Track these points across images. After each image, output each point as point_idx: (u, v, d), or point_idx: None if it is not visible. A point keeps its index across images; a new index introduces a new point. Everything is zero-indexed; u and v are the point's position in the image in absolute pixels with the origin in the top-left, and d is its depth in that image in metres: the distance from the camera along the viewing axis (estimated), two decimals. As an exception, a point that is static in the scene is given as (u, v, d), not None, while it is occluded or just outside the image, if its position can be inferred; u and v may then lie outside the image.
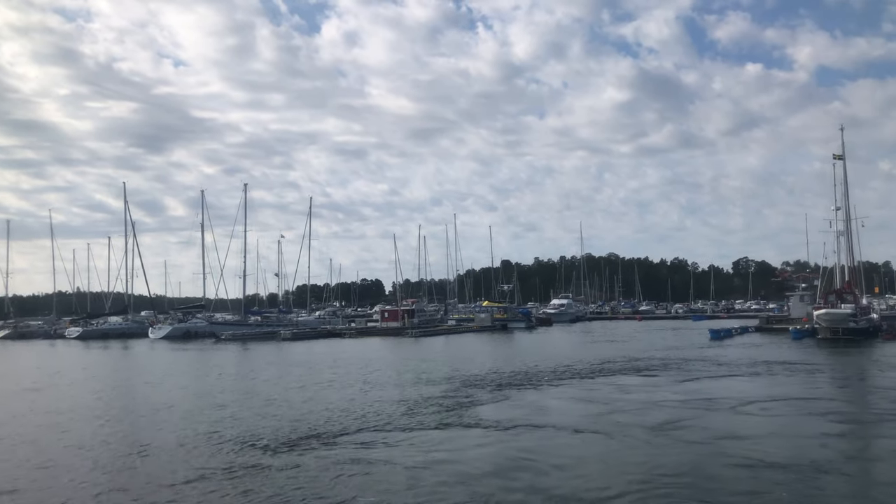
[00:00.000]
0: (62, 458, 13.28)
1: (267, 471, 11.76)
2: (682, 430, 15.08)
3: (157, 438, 14.97)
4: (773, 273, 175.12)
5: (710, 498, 9.88)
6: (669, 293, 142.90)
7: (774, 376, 25.37)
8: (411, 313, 67.17)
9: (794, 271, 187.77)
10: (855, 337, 38.07)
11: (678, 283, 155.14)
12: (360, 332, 61.63)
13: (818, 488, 10.40)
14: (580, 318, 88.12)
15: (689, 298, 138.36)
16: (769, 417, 17.11)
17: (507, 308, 72.70)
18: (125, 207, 72.21)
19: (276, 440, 14.34)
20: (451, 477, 11.16)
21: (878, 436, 14.45)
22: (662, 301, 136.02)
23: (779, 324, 51.54)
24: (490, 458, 12.50)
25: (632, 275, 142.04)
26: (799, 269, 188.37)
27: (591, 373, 27.20)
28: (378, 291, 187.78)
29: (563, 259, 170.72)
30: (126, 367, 36.84)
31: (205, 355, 43.55)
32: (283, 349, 46.93)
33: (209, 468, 12.06)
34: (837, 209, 45.28)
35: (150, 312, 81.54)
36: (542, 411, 18.14)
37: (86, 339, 65.02)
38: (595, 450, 13.20)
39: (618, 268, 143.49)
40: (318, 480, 11.10)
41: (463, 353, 41.03)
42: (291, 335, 57.71)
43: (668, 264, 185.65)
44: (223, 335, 59.12)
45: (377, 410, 18.23)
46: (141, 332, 68.18)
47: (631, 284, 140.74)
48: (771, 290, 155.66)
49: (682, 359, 32.18)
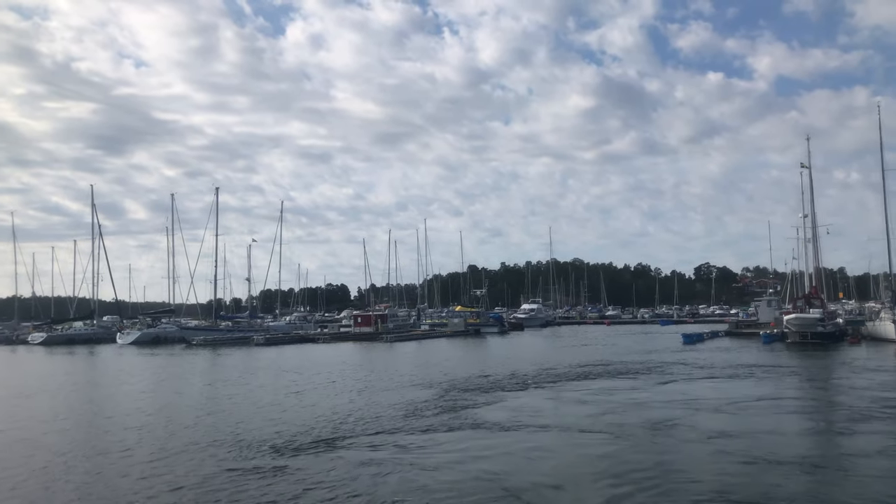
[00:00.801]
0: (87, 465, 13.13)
1: (298, 472, 11.90)
2: (678, 430, 15.53)
3: (181, 442, 14.92)
4: (735, 279, 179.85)
5: (727, 494, 10.24)
6: (634, 298, 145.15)
7: (752, 378, 26.18)
8: (384, 318, 67.18)
9: (755, 277, 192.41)
10: (823, 341, 39.33)
11: (642, 288, 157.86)
12: (333, 337, 61.38)
13: (821, 483, 10.93)
14: (550, 322, 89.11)
15: (653, 304, 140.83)
16: (757, 416, 17.73)
17: (480, 313, 73.13)
18: (92, 211, 70.97)
19: (297, 443, 14.44)
20: (478, 475, 11.45)
21: (864, 432, 15.10)
22: (627, 306, 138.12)
23: (748, 328, 52.88)
24: (509, 457, 12.79)
25: (597, 280, 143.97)
26: (759, 274, 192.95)
27: (577, 376, 27.65)
28: (344, 296, 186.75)
29: (530, 264, 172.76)
30: (108, 374, 36.06)
31: (182, 361, 42.94)
32: (259, 354, 46.52)
33: (240, 468, 12.23)
34: (805, 216, 46.74)
35: (113, 318, 79.86)
36: (540, 413, 18.46)
37: (50, 345, 63.47)
38: (604, 449, 13.56)
39: (583, 273, 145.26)
40: (351, 479, 11.31)
41: (442, 357, 41.23)
42: (265, 340, 57.24)
43: (632, 270, 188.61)
44: (194, 340, 58.30)
45: (383, 414, 18.37)
46: (107, 337, 66.83)
47: (596, 290, 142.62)
48: (732, 295, 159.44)
49: (661, 362, 32.90)
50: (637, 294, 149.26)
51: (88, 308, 73.97)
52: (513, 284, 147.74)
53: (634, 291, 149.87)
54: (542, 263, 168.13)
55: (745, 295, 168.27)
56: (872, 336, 40.95)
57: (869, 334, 41.57)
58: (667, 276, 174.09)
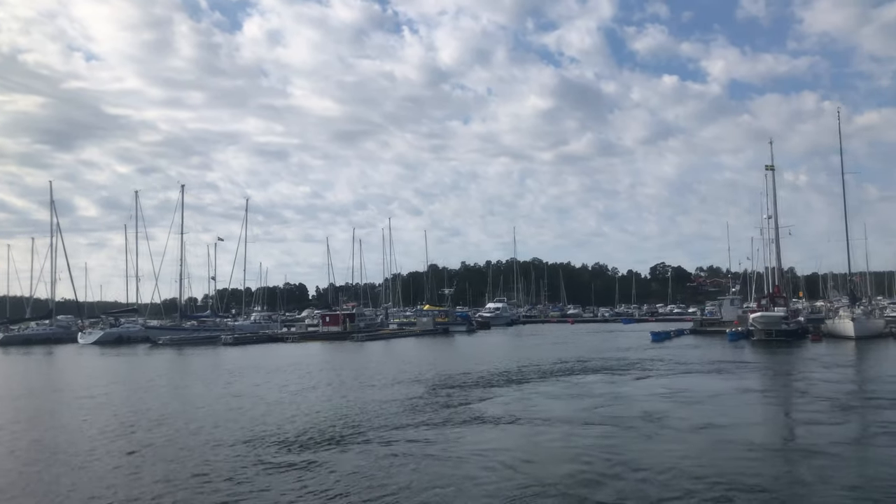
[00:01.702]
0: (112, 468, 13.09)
1: (329, 465, 12.21)
2: (672, 420, 16.31)
3: (200, 441, 14.97)
4: (689, 278, 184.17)
5: (740, 479, 10.92)
6: (593, 297, 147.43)
7: (726, 373, 27.33)
8: (352, 318, 67.05)
9: (708, 276, 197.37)
10: (787, 338, 40.88)
11: (600, 287, 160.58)
12: (302, 336, 61.04)
13: (824, 468, 11.68)
14: (514, 321, 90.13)
15: (611, 303, 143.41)
16: (741, 407, 18.77)
17: (449, 312, 73.57)
18: (51, 208, 69.16)
19: (317, 439, 14.70)
20: (503, 465, 11.92)
21: (845, 421, 16.09)
22: (587, 305, 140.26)
23: (711, 326, 54.47)
24: (526, 449, 13.26)
25: (557, 279, 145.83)
26: (712, 274, 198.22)
27: (559, 372, 28.37)
28: (302, 296, 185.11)
29: (490, 263, 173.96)
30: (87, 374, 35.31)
31: (157, 361, 42.30)
32: (232, 354, 46.06)
33: (274, 462, 12.47)
34: (769, 217, 48.41)
35: (68, 317, 77.78)
36: (537, 407, 18.98)
37: (6, 346, 61.66)
38: (610, 441, 14.10)
39: (543, 272, 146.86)
40: (382, 471, 11.65)
41: (418, 356, 41.59)
42: (233, 340, 56.63)
43: (590, 269, 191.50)
44: (160, 340, 57.33)
45: (385, 411, 18.65)
46: (67, 337, 65.25)
47: (556, 289, 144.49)
48: (687, 294, 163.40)
49: (637, 359, 33.91)
50: (595, 293, 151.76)
51: (46, 308, 71.99)
52: (474, 284, 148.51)
53: (593, 291, 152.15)
54: (502, 263, 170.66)
55: (699, 294, 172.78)
56: (832, 333, 42.72)
57: (828, 332, 43.34)
58: (623, 276, 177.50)
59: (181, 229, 64.76)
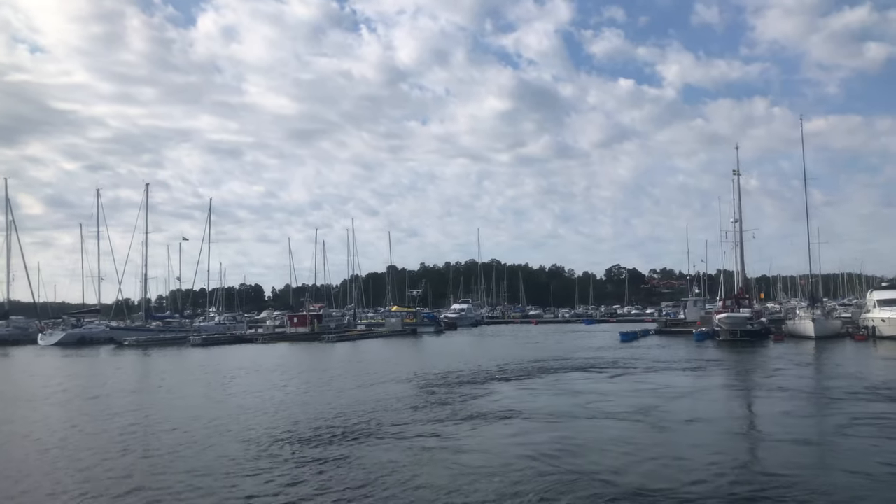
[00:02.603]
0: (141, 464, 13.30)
1: (360, 460, 12.76)
2: (669, 414, 17.40)
3: (210, 440, 15.29)
4: (643, 280, 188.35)
5: (753, 466, 12.13)
6: (551, 299, 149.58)
7: (701, 371, 28.83)
8: (319, 318, 67.03)
9: (662, 278, 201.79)
10: (751, 338, 42.60)
11: (557, 288, 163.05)
12: (271, 337, 60.73)
13: (823, 456, 12.95)
14: (479, 322, 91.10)
15: (568, 304, 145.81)
16: (725, 401, 20.41)
17: (416, 313, 74.05)
18: (7, 206, 67.14)
19: (329, 436, 15.18)
20: (526, 457, 12.71)
21: (825, 413, 17.49)
22: (545, 306, 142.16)
23: (676, 327, 56.24)
24: (532, 446, 13.86)
25: (516, 280, 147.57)
26: (665, 276, 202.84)
27: (541, 371, 29.34)
28: (258, 297, 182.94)
29: (450, 265, 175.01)
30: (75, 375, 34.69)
31: (132, 362, 41.68)
32: (203, 355, 45.68)
33: (303, 457, 12.93)
34: (736, 221, 50.22)
35: (18, 318, 75.48)
36: (534, 403, 19.81)
37: (-39, 348, 59.71)
38: (617, 433, 15.05)
39: (503, 274, 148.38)
40: (411, 465, 12.30)
41: (394, 356, 42.17)
42: (202, 341, 56.06)
43: (547, 271, 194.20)
44: (126, 341, 56.34)
45: (389, 408, 19.21)
46: (25, 338, 63.54)
47: (515, 290, 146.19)
48: (641, 295, 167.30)
49: (613, 357, 35.16)
50: (553, 295, 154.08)
51: (2, 308, 69.89)
52: (434, 285, 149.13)
53: (551, 292, 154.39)
54: (461, 264, 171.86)
55: (653, 296, 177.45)
56: (793, 333, 44.72)
57: (790, 332, 45.31)
58: (580, 277, 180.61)
59: (146, 228, 63.84)
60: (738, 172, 51.21)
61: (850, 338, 43.47)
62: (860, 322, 44.66)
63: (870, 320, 42.42)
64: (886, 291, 44.29)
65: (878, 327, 41.08)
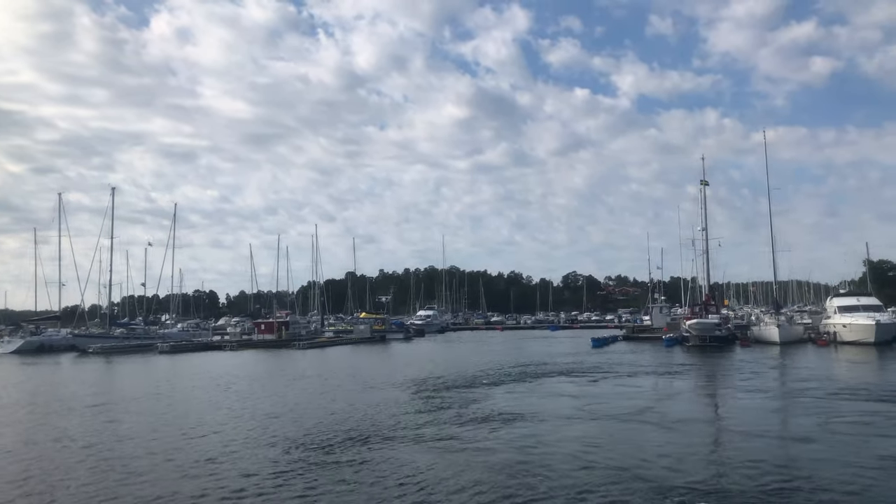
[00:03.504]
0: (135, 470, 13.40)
1: (385, 463, 13.36)
2: (666, 414, 18.54)
3: (230, 446, 15.58)
4: (599, 287, 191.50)
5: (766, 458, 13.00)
6: (512, 305, 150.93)
7: (679, 374, 30.28)
8: (286, 325, 66.58)
9: (617, 285, 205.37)
10: (720, 344, 44.09)
11: (516, 295, 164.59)
12: (240, 344, 60.03)
13: (817, 448, 13.91)
14: (445, 328, 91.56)
15: (527, 310, 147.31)
16: (715, 403, 21.62)
17: (385, 320, 74.07)
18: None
19: (362, 437, 15.74)
20: (560, 457, 13.50)
21: (806, 412, 18.53)
22: (506, 313, 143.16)
23: (643, 333, 57.66)
24: (555, 445, 14.66)
25: (476, 287, 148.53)
26: (620, 283, 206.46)
27: (527, 376, 30.17)
28: (212, 303, 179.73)
29: (410, 271, 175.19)
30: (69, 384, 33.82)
31: (103, 369, 41.07)
32: (176, 362, 45.06)
33: (322, 461, 13.42)
34: (703, 230, 51.92)
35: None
36: (536, 406, 20.56)
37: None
38: (626, 434, 16.01)
39: (464, 280, 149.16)
40: (440, 465, 12.95)
41: (375, 362, 42.64)
42: (170, 348, 55.16)
43: (506, 277, 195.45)
44: (90, 349, 55.00)
45: (395, 412, 19.86)
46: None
47: (475, 296, 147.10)
48: (597, 302, 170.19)
49: (593, 362, 36.36)
50: (513, 301, 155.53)
51: (-46, 315, 67.46)
52: (395, 291, 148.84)
53: (511, 299, 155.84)
54: (420, 270, 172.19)
55: (608, 302, 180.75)
56: (758, 339, 46.49)
57: (755, 338, 47.02)
58: (537, 284, 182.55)
59: (111, 233, 62.45)
60: (705, 182, 53.00)
61: (812, 343, 45.41)
62: (821, 328, 46.69)
63: (831, 326, 44.42)
64: (846, 298, 46.43)
65: (839, 333, 43.05)
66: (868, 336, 40.56)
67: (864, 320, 41.51)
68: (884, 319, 41.99)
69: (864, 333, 40.85)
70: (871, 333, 40.46)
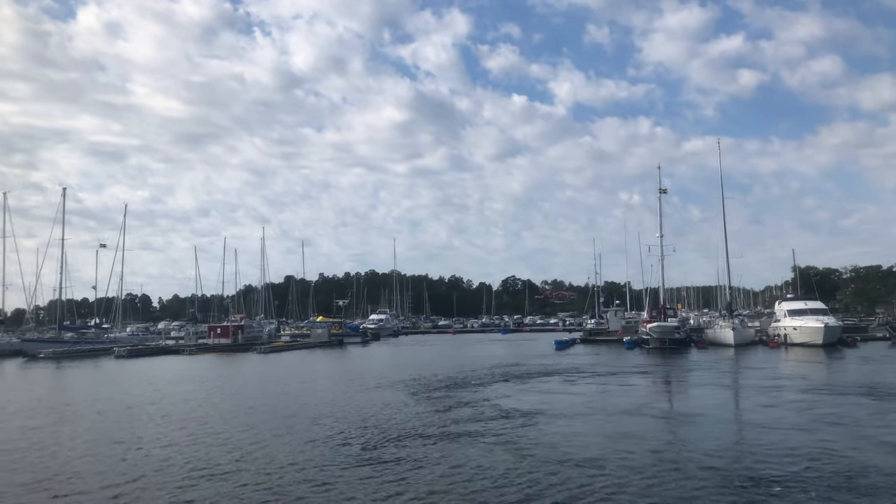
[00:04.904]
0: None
1: (423, 461, 14.33)
2: (665, 409, 20.31)
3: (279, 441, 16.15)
4: (537, 291, 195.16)
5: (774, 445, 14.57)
6: (455, 309, 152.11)
7: (651, 374, 32.33)
8: (242, 329, 65.75)
9: (553, 290, 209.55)
10: (678, 346, 46.25)
11: (459, 299, 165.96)
12: (199, 348, 58.85)
13: (816, 441, 15.56)
14: (398, 332, 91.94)
15: (470, 314, 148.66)
16: (705, 398, 23.06)
17: (342, 323, 73.92)
18: None
19: (386, 439, 16.54)
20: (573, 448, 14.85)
21: (782, 404, 20.37)
22: (450, 316, 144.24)
23: (599, 336, 59.65)
24: (589, 437, 16.11)
25: (419, 291, 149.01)
26: (556, 287, 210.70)
27: (509, 377, 31.26)
28: (144, 307, 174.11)
29: (349, 275, 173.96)
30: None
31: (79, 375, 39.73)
32: (141, 367, 44.05)
33: (370, 459, 14.15)
34: (661, 236, 54.21)
35: None
36: (539, 403, 21.71)
37: None
38: (648, 426, 17.53)
39: (408, 284, 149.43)
40: (482, 462, 13.95)
41: (345, 365, 43.47)
42: (127, 353, 53.76)
43: (447, 281, 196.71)
44: (41, 353, 52.96)
45: (407, 412, 20.82)
46: None
47: (419, 300, 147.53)
48: (536, 306, 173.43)
49: (567, 364, 38.09)
50: (453, 305, 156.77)
51: None
52: (336, 296, 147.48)
53: (455, 302, 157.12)
54: (361, 274, 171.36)
55: (546, 306, 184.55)
56: (714, 341, 48.95)
57: (711, 340, 49.49)
58: (477, 288, 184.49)
59: (62, 235, 60.24)
60: (663, 191, 55.38)
61: (762, 345, 48.13)
62: (771, 331, 49.58)
63: (781, 329, 47.28)
64: (794, 302, 49.49)
65: (789, 335, 45.98)
66: (817, 338, 43.51)
67: (813, 323, 44.50)
68: (831, 323, 45.12)
69: (814, 336, 43.81)
70: (819, 336, 43.43)
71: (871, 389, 23.64)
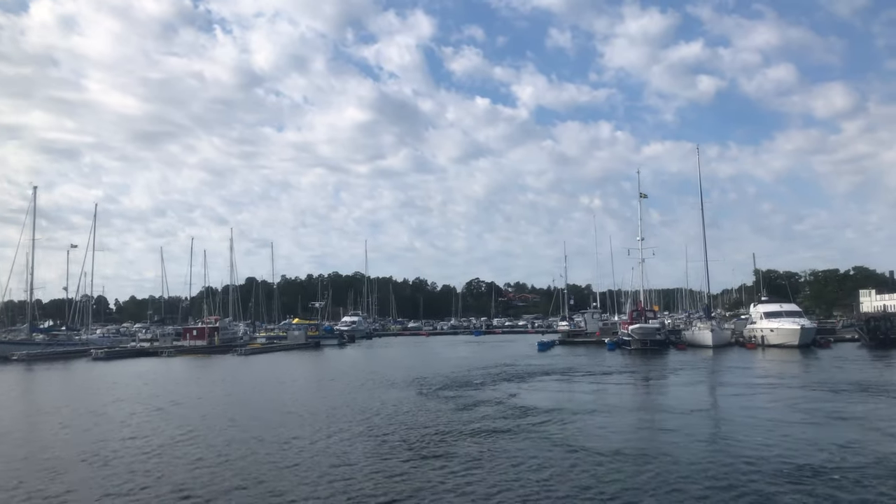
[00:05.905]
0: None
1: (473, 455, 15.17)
2: (675, 406, 20.94)
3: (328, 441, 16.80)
4: (501, 293, 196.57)
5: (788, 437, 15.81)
6: (421, 311, 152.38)
7: (643, 374, 33.50)
8: (217, 331, 65.08)
9: (516, 292, 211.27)
10: (659, 347, 47.50)
11: (424, 301, 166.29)
12: (177, 350, 58.04)
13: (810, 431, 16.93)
14: (371, 334, 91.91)
15: (436, 316, 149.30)
16: (703, 396, 24.52)
17: (318, 325, 73.64)
18: None
19: (428, 439, 17.28)
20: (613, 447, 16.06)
21: (779, 400, 21.67)
22: (416, 318, 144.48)
23: (578, 337, 60.81)
24: (628, 433, 17.08)
25: (385, 293, 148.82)
26: (519, 290, 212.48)
27: (507, 376, 32.14)
28: (100, 309, 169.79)
29: (312, 276, 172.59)
30: None
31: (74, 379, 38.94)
32: (121, 369, 43.46)
33: (419, 456, 14.87)
34: (642, 240, 55.55)
35: None
36: (555, 401, 22.59)
37: None
38: (675, 422, 18.62)
39: (374, 286, 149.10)
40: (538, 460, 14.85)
41: (337, 367, 43.62)
42: (105, 355, 52.84)
43: (411, 284, 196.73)
44: (14, 356, 51.68)
45: (430, 411, 21.46)
46: None
47: (384, 302, 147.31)
48: (499, 308, 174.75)
49: (560, 365, 39.02)
50: (417, 307, 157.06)
51: None
52: (299, 297, 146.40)
53: (421, 304, 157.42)
54: (324, 276, 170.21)
55: (509, 308, 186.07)
56: (692, 343, 50.43)
57: (689, 341, 50.94)
58: (442, 291, 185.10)
59: (32, 234, 58.77)
60: (643, 195, 56.77)
61: (739, 346, 49.78)
62: (747, 332, 51.34)
63: (758, 331, 49.00)
64: (769, 305, 51.28)
65: (766, 337, 47.73)
66: (793, 339, 45.30)
67: (789, 325, 46.32)
68: (807, 325, 47.01)
69: (790, 337, 45.59)
70: (795, 337, 45.22)
71: (864, 387, 24.93)
